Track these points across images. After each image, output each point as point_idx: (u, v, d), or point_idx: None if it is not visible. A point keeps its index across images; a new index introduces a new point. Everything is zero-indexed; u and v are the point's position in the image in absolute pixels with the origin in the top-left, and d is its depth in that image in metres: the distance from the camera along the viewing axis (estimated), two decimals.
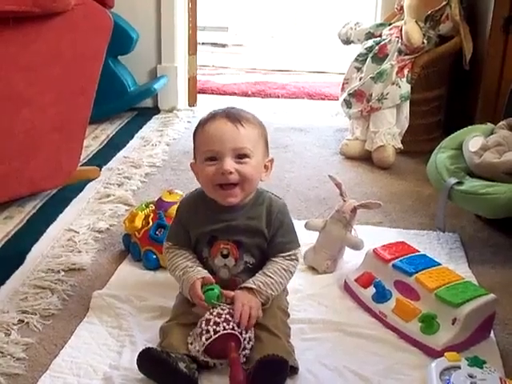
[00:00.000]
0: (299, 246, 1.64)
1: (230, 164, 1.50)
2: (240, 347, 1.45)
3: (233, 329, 1.45)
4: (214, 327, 1.44)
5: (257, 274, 1.56)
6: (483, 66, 2.79)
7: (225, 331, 1.44)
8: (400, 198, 2.53)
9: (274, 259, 1.59)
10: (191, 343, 1.47)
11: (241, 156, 1.52)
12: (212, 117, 1.56)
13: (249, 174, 1.52)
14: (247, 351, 1.47)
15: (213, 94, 4.16)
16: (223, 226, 1.58)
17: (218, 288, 1.53)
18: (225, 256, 1.58)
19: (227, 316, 1.46)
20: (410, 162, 2.91)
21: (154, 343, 1.53)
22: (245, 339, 1.46)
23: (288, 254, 1.60)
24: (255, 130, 1.56)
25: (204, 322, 1.46)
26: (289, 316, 1.65)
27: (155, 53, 3.59)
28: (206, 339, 1.43)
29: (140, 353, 1.43)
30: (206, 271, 1.58)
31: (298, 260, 1.62)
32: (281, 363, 1.40)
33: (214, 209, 1.59)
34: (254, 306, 1.49)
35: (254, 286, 1.53)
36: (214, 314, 1.47)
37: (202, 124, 1.57)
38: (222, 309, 1.48)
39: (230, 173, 1.50)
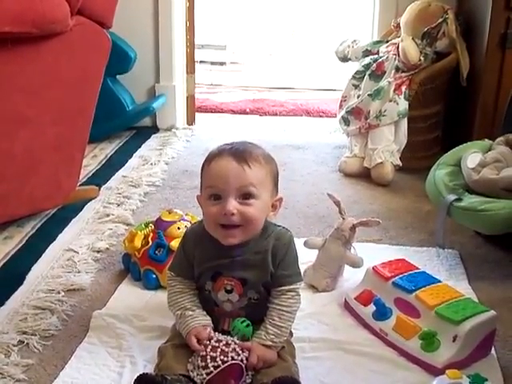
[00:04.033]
0: (301, 280, 1.59)
1: (232, 205, 1.46)
2: (242, 379, 1.44)
3: (241, 360, 1.44)
4: (222, 357, 1.43)
5: (267, 325, 1.52)
6: (480, 82, 2.80)
7: (233, 361, 1.43)
8: (399, 215, 2.53)
9: (276, 301, 1.54)
10: (192, 370, 1.45)
11: (245, 196, 1.48)
12: (219, 154, 1.52)
13: (252, 216, 1.48)
14: (249, 379, 1.46)
15: (211, 112, 4.17)
16: (228, 262, 1.54)
17: (250, 327, 1.52)
18: (228, 291, 1.54)
19: (235, 346, 1.45)
20: (409, 178, 2.91)
21: (153, 363, 1.52)
22: (248, 372, 1.46)
23: (288, 288, 1.54)
24: (262, 169, 1.51)
25: (210, 348, 1.45)
26: (292, 335, 1.64)
27: (153, 72, 3.61)
28: (215, 367, 1.42)
29: (135, 379, 1.41)
30: (204, 318, 1.55)
31: (299, 295, 1.57)
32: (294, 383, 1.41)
33: (219, 243, 1.54)
34: (268, 360, 1.48)
35: (269, 343, 1.50)
36: (222, 343, 1.45)
37: (209, 160, 1.53)
38: (228, 341, 1.47)
39: (232, 214, 1.46)
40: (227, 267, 1.54)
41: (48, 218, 2.43)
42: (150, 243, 1.96)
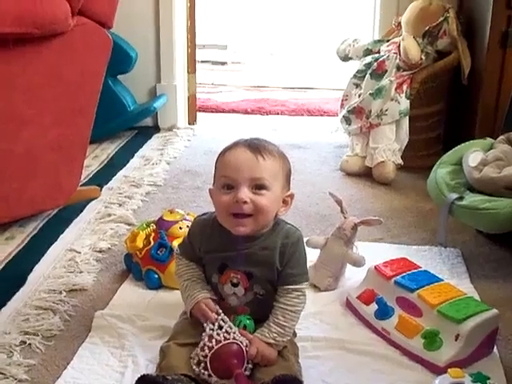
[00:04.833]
0: (307, 280, 1.58)
1: (245, 193, 1.46)
2: (243, 364, 1.44)
3: (241, 343, 1.45)
4: (225, 334, 1.45)
5: (270, 324, 1.52)
6: (481, 81, 2.80)
7: (235, 340, 1.44)
8: (401, 214, 2.53)
9: (281, 300, 1.53)
10: (195, 363, 1.45)
11: (258, 187, 1.48)
12: (234, 145, 1.54)
13: (264, 205, 1.48)
14: (247, 372, 1.46)
15: (212, 111, 4.17)
16: (234, 254, 1.54)
17: (252, 321, 1.54)
18: (235, 285, 1.55)
19: (236, 330, 1.47)
20: (411, 177, 2.91)
21: (156, 363, 1.52)
22: (248, 362, 1.46)
23: (294, 287, 1.53)
24: (275, 162, 1.53)
25: (207, 338, 1.46)
26: (296, 335, 1.64)
27: (154, 71, 3.61)
28: (217, 342, 1.43)
29: (136, 381, 1.41)
30: (211, 293, 1.58)
31: (304, 295, 1.56)
32: (295, 382, 1.41)
33: (228, 236, 1.54)
34: (267, 356, 1.48)
35: (271, 341, 1.49)
36: (224, 329, 1.46)
37: (224, 151, 1.54)
38: (230, 325, 1.49)
39: (245, 202, 1.46)
40: (233, 260, 1.54)
41: (50, 219, 2.43)
42: (152, 243, 1.96)
